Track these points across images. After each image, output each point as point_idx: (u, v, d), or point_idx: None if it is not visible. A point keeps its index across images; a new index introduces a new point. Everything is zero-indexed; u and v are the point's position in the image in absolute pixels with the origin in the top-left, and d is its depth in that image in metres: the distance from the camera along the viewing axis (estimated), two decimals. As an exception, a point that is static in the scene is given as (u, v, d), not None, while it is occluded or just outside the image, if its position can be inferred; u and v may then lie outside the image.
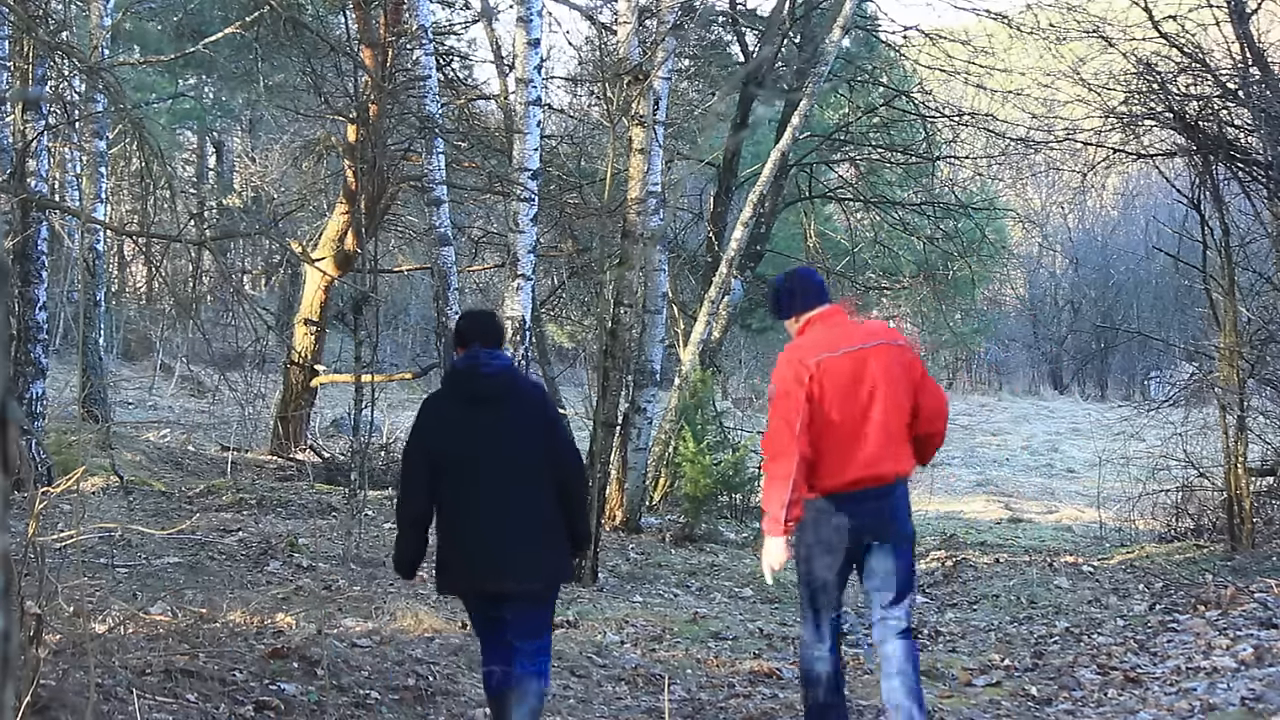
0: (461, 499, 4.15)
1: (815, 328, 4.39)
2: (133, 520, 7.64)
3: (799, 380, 4.19)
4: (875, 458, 4.19)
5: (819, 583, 4.34)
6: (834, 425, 4.17)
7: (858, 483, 4.18)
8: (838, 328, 4.37)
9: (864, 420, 4.20)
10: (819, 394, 4.18)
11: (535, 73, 10.04)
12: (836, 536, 4.23)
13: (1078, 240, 37.46)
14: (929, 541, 11.00)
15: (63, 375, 14.44)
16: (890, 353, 4.30)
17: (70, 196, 14.00)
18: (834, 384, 4.19)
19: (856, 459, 4.17)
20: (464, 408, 4.21)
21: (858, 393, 4.21)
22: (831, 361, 4.23)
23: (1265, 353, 8.95)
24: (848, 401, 4.20)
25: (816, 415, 4.17)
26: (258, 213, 17.82)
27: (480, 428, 4.15)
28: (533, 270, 10.38)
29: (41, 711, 3.46)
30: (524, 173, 9.79)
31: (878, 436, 4.20)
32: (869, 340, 4.32)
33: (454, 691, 4.77)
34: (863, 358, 4.25)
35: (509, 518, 4.13)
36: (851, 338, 4.32)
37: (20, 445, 1.22)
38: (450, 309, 10.74)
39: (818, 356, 4.23)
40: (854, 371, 4.23)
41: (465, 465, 4.14)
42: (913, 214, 15.70)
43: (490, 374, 4.24)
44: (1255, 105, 8.67)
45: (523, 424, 4.22)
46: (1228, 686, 4.95)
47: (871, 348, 4.29)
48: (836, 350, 4.26)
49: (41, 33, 7.06)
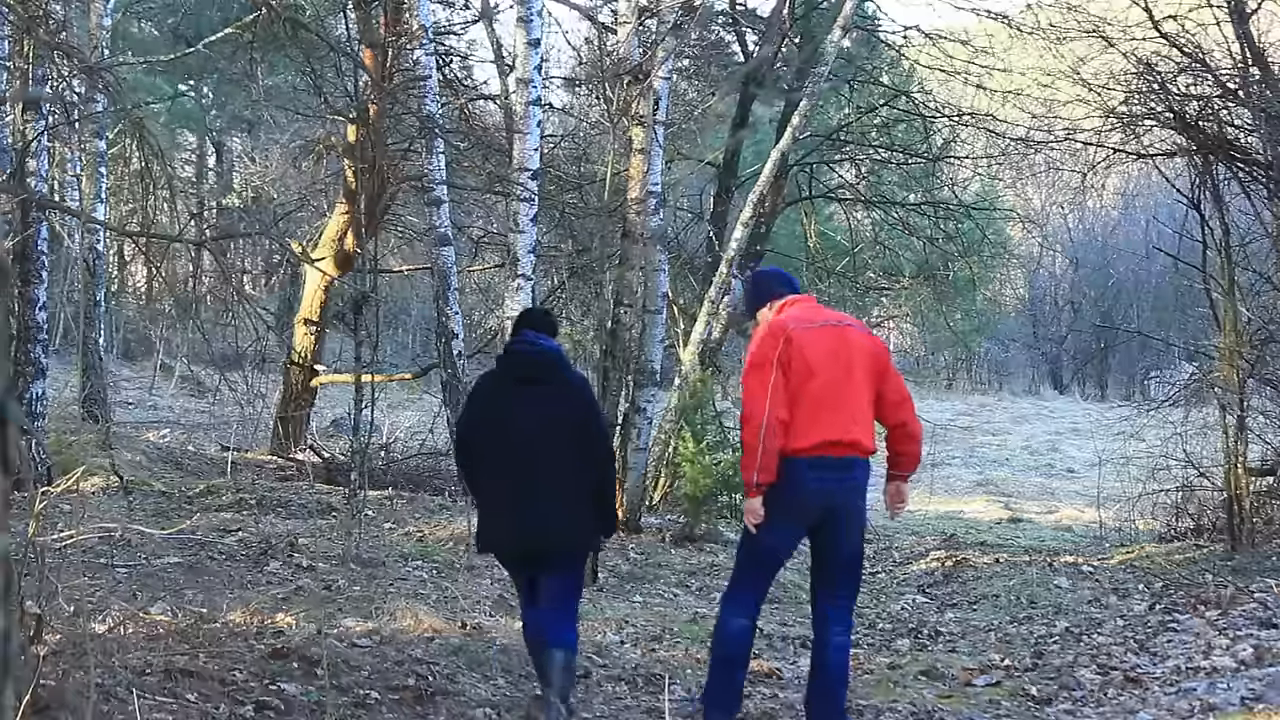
0: (503, 466, 4.55)
1: (792, 307, 4.60)
2: (133, 520, 7.63)
3: (773, 347, 4.38)
4: (843, 425, 4.36)
5: (761, 545, 4.49)
6: (808, 390, 4.35)
7: (823, 446, 4.34)
8: (813, 309, 4.64)
9: (837, 389, 4.38)
10: (795, 360, 4.36)
11: (535, 73, 10.03)
12: (793, 503, 4.38)
13: (1078, 240, 37.44)
14: (929, 541, 11.00)
15: (63, 375, 14.44)
16: (863, 335, 4.57)
17: (70, 196, 13.99)
18: (811, 352, 4.38)
19: (824, 422, 4.34)
20: (511, 385, 4.64)
21: (834, 362, 4.41)
22: (810, 331, 4.44)
23: (1265, 353, 8.94)
24: (823, 369, 4.38)
25: (792, 380, 4.35)
26: (258, 213, 17.80)
27: (525, 402, 4.55)
28: (533, 270, 10.37)
29: (41, 711, 3.46)
30: (524, 173, 9.79)
31: (847, 406, 4.39)
32: (844, 320, 4.65)
33: (454, 691, 4.77)
34: (839, 333, 4.49)
35: (544, 486, 4.48)
36: (828, 316, 4.62)
37: (20, 445, 1.22)
38: (450, 309, 10.74)
39: (795, 327, 4.44)
40: (831, 343, 4.44)
41: (509, 436, 4.52)
42: (913, 214, 15.70)
43: (537, 355, 4.67)
44: (1255, 105, 8.67)
45: (564, 404, 4.59)
46: (1228, 686, 4.95)
47: (847, 326, 4.58)
48: (815, 322, 4.49)
49: (41, 33, 7.06)
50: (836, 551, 4.46)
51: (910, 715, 5.02)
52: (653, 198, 10.18)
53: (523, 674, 5.12)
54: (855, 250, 17.30)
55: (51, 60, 8.95)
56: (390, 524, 8.89)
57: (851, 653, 6.17)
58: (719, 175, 14.41)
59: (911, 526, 12.73)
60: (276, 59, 11.30)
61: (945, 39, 13.41)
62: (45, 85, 8.81)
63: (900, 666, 5.90)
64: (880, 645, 6.63)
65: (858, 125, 15.29)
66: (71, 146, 13.06)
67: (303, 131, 15.90)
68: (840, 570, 4.48)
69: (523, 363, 4.66)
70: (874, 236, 17.20)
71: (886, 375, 4.51)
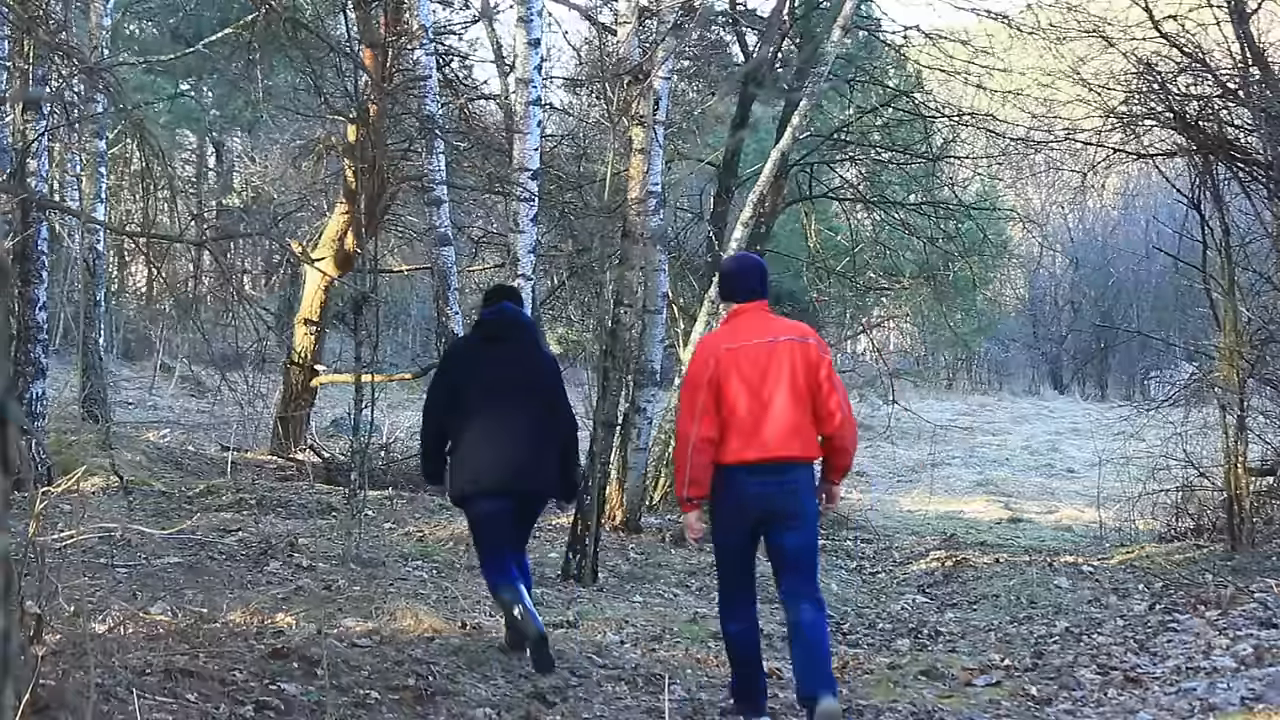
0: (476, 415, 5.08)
1: (737, 319, 4.85)
2: (133, 520, 7.63)
3: (704, 369, 4.67)
4: (774, 440, 4.60)
5: (724, 548, 4.82)
6: (740, 408, 4.61)
7: (758, 461, 4.60)
8: (756, 322, 4.80)
9: (767, 406, 4.62)
10: (725, 380, 4.64)
11: (535, 73, 10.03)
12: (737, 507, 4.67)
13: (1078, 240, 37.44)
14: (929, 541, 11.00)
15: (63, 375, 14.43)
16: (797, 349, 4.71)
17: (70, 196, 13.99)
18: (741, 371, 4.65)
19: (758, 439, 4.60)
20: (482, 344, 5.28)
21: (763, 380, 4.64)
22: (741, 350, 4.69)
23: (1265, 353, 8.94)
24: (753, 387, 4.63)
25: (724, 398, 4.63)
26: (258, 213, 17.80)
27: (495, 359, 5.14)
28: (533, 270, 10.37)
29: (41, 711, 3.46)
30: (524, 173, 9.79)
31: (779, 421, 4.61)
32: (780, 335, 4.75)
33: (454, 691, 4.76)
34: (771, 350, 4.69)
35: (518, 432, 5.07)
36: (765, 332, 4.75)
37: (20, 445, 1.22)
38: (450, 309, 10.74)
39: (728, 345, 4.71)
40: (762, 362, 4.66)
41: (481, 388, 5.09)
42: (913, 214, 15.68)
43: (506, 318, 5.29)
44: (1255, 105, 8.67)
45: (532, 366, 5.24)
46: (1228, 686, 4.95)
47: (781, 342, 4.72)
48: (749, 341, 4.71)
49: (41, 33, 7.06)
50: (784, 548, 4.71)
51: (910, 715, 5.02)
52: (653, 198, 10.17)
53: (523, 674, 5.12)
54: (855, 250, 17.29)
55: (51, 60, 8.94)
56: (390, 524, 8.89)
57: (851, 653, 6.19)
58: (719, 175, 14.40)
59: (911, 526, 12.73)
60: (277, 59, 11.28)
61: (945, 39, 13.40)
62: (45, 85, 8.81)
63: (900, 666, 5.90)
64: (880, 645, 6.63)
65: (858, 125, 15.28)
66: (71, 146, 13.06)
67: (303, 131, 15.89)
68: (791, 564, 4.72)
69: (493, 324, 5.30)
70: (874, 236, 17.19)
71: (820, 390, 4.68)
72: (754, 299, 4.84)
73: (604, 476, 7.88)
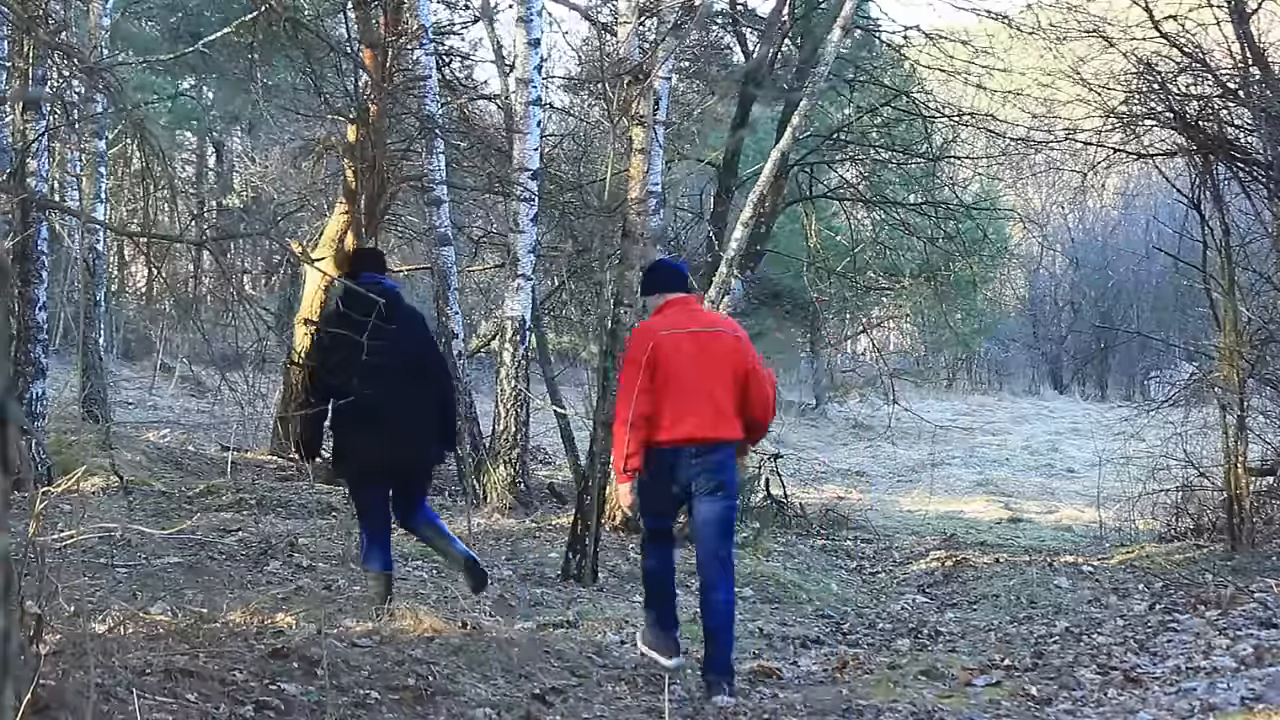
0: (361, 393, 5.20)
1: (669, 310, 5.25)
2: (133, 520, 7.63)
3: (641, 351, 5.08)
4: (701, 423, 5.05)
5: (651, 509, 5.33)
6: (671, 390, 5.04)
7: (687, 440, 5.05)
8: (687, 313, 5.25)
9: (695, 390, 5.06)
10: (659, 363, 5.05)
11: (535, 73, 10.04)
12: (667, 481, 5.15)
13: (1078, 240, 37.44)
14: (929, 541, 11.00)
15: (63, 375, 14.43)
16: (726, 340, 5.17)
17: (70, 196, 13.99)
18: (675, 357, 5.06)
19: (685, 421, 5.04)
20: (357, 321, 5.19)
21: (693, 367, 5.07)
22: (675, 337, 5.10)
23: (1265, 353, 8.94)
24: (683, 373, 5.05)
25: (657, 380, 5.04)
26: (258, 213, 17.80)
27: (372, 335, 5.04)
28: (533, 270, 10.38)
29: (41, 711, 3.46)
30: (524, 173, 9.79)
31: (705, 405, 5.05)
32: (711, 327, 5.23)
33: (454, 691, 4.76)
34: (703, 339, 5.13)
35: (397, 408, 5.31)
36: (696, 322, 5.21)
37: (20, 445, 1.22)
38: (450, 309, 10.74)
39: (663, 332, 5.12)
40: (693, 350, 5.09)
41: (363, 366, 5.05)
42: (913, 214, 15.68)
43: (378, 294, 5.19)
44: (1255, 105, 8.67)
45: (405, 336, 5.39)
46: (1228, 686, 4.95)
47: (712, 333, 5.18)
48: (682, 329, 5.13)
49: (41, 33, 7.05)
50: (706, 518, 5.19)
51: (910, 715, 5.02)
52: (653, 198, 10.17)
53: (523, 674, 5.12)
54: (855, 250, 17.29)
55: (51, 60, 8.95)
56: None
57: (851, 652, 6.19)
58: (719, 175, 14.39)
59: (911, 526, 12.73)
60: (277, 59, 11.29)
61: (945, 39, 13.38)
62: (45, 85, 8.81)
63: (900, 666, 5.90)
64: (880, 645, 6.63)
65: (858, 125, 15.27)
66: (71, 146, 13.06)
67: (303, 131, 15.89)
68: (711, 532, 5.20)
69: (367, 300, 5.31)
70: (874, 236, 17.18)
71: (747, 378, 5.14)
72: (683, 290, 5.32)
73: (604, 476, 7.87)
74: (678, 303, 5.28)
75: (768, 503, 11.46)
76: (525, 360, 10.46)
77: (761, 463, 11.74)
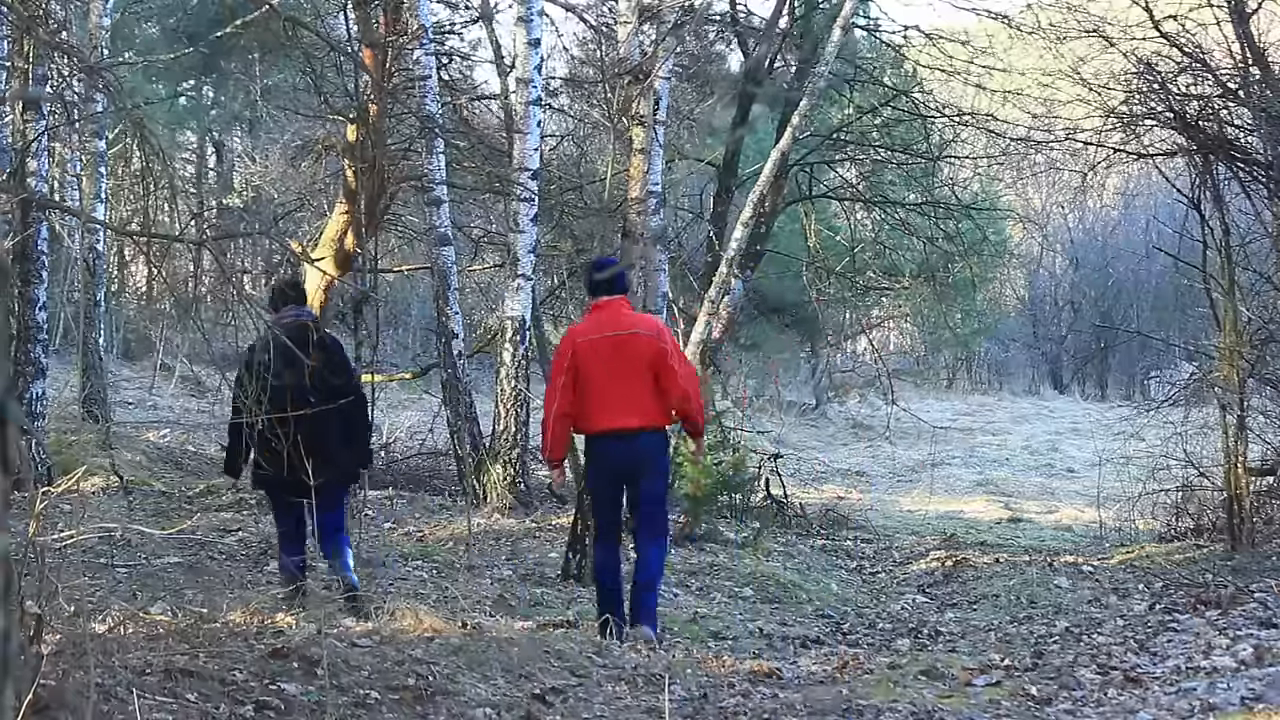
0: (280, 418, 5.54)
1: (599, 312, 5.90)
2: (133, 520, 7.63)
3: (565, 354, 5.82)
4: (619, 413, 5.76)
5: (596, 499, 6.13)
6: (592, 387, 5.76)
7: (610, 429, 5.80)
8: (612, 316, 5.87)
9: (612, 386, 5.75)
10: (580, 366, 5.76)
11: (535, 73, 10.04)
12: (602, 466, 5.97)
13: (1078, 240, 37.42)
14: (929, 541, 11.00)
15: (63, 375, 14.43)
16: (642, 341, 5.81)
17: (70, 196, 13.99)
18: (594, 359, 5.76)
19: (605, 413, 5.78)
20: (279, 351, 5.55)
21: (610, 366, 5.75)
22: (595, 341, 5.80)
23: (1265, 352, 8.94)
24: (602, 372, 5.76)
25: (580, 379, 5.76)
26: (258, 212, 17.80)
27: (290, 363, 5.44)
28: (533, 270, 10.38)
29: (41, 711, 3.46)
30: (524, 173, 9.79)
31: (623, 399, 5.74)
32: (631, 329, 5.84)
33: (454, 691, 4.76)
34: (620, 341, 5.78)
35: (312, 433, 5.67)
36: (618, 325, 5.83)
37: (20, 445, 1.22)
38: (450, 309, 10.74)
39: (585, 337, 5.83)
40: (610, 351, 5.77)
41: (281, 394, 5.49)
42: (913, 214, 15.68)
43: (295, 326, 5.91)
44: (1255, 105, 8.67)
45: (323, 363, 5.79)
46: (1228, 686, 4.95)
47: (628, 335, 5.81)
48: (602, 333, 5.80)
49: (41, 33, 7.06)
50: (639, 498, 5.94)
51: (910, 715, 5.01)
52: (653, 198, 10.19)
53: (523, 674, 5.12)
54: (855, 250, 17.29)
55: (51, 60, 8.95)
56: (390, 524, 8.89)
57: (851, 652, 6.19)
58: (719, 175, 14.40)
59: (911, 526, 12.73)
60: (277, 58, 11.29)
61: (945, 39, 13.39)
62: (45, 85, 8.81)
63: (900, 666, 5.90)
64: (880, 645, 6.63)
65: (858, 125, 15.27)
66: (71, 146, 13.06)
67: (303, 131, 15.89)
68: (645, 511, 5.95)
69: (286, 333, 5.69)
70: (874, 236, 17.19)
71: (664, 372, 5.77)
72: (614, 294, 5.92)
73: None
74: (606, 306, 5.90)
75: (768, 503, 11.46)
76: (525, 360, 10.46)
77: (761, 463, 11.74)
